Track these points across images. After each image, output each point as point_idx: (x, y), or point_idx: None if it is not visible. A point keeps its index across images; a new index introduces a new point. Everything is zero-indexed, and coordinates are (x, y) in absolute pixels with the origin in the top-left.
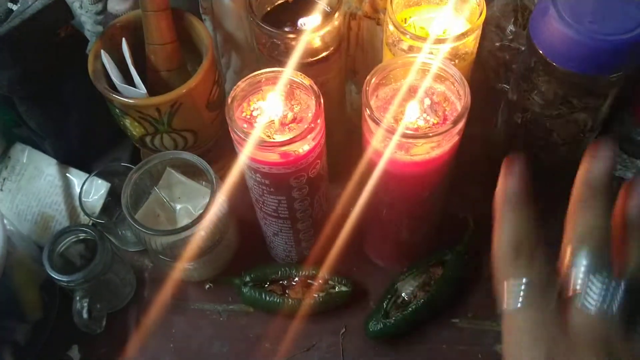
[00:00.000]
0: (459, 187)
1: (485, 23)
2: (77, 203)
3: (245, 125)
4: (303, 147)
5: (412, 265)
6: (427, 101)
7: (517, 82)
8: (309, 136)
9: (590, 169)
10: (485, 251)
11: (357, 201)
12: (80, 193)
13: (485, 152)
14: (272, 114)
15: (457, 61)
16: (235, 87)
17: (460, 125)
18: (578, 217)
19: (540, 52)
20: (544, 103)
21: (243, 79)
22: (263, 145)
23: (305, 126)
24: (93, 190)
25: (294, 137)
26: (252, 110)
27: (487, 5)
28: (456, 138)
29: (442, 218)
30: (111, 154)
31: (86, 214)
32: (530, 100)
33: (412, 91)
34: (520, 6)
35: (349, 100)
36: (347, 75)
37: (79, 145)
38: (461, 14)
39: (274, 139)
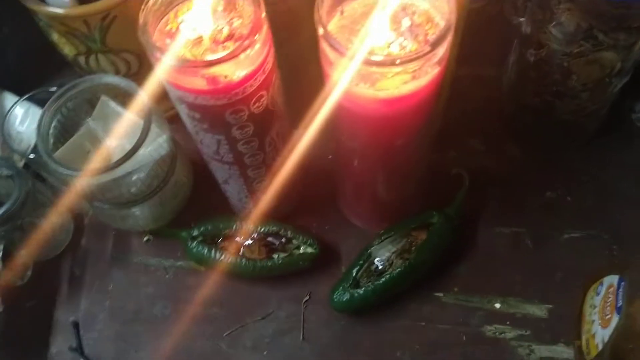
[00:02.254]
0: (456, 139)
1: None
2: (13, 133)
3: (168, 41)
4: (238, 72)
5: (392, 228)
6: (406, 22)
7: (532, 11)
8: (242, 55)
9: None
10: (481, 215)
11: (322, 147)
12: (8, 120)
13: (492, 98)
14: (200, 28)
15: None
16: None
17: (441, 51)
18: None
19: None
20: (563, 38)
21: None
22: (182, 65)
23: (239, 44)
24: (29, 119)
25: (222, 57)
26: (180, 23)
27: None
28: (436, 69)
29: (432, 175)
30: (57, 79)
31: (11, 148)
32: (546, 34)
33: (383, 8)
34: None
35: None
36: None
37: (15, 67)
38: None
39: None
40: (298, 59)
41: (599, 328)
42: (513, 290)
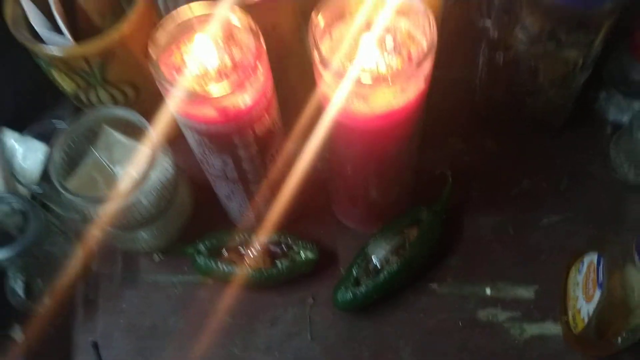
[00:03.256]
0: (437, 139)
1: None
2: (16, 168)
3: (174, 73)
4: (244, 100)
5: (384, 227)
6: (390, 41)
7: (498, 16)
8: (247, 85)
9: None
10: (465, 208)
11: (318, 158)
12: (11, 156)
13: (467, 98)
14: (205, 61)
15: None
16: (158, 25)
17: (426, 67)
18: None
19: None
20: (529, 39)
21: (168, 17)
22: (194, 99)
23: (244, 73)
24: (30, 154)
25: (232, 89)
26: (183, 55)
27: None
28: (422, 84)
29: (417, 175)
30: (52, 113)
31: (18, 181)
32: (513, 37)
33: (369, 29)
34: None
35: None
36: (305, 18)
37: (11, 104)
38: None
39: (209, 90)
40: (288, 80)
41: (584, 303)
42: (501, 275)
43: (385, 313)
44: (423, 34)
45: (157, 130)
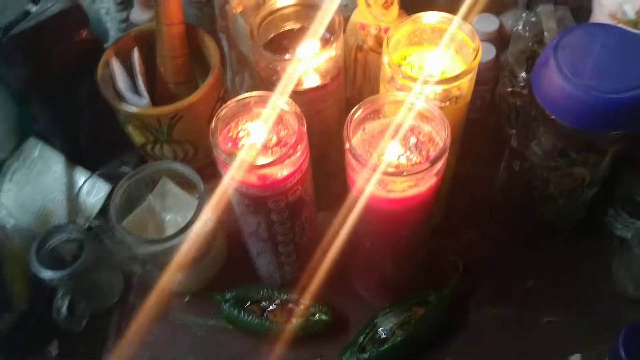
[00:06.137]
0: (455, 229)
1: (500, 69)
2: (79, 202)
3: (229, 144)
4: (282, 172)
5: (395, 302)
6: (413, 139)
7: (520, 130)
8: (287, 161)
9: None
10: (472, 296)
11: (342, 230)
12: (79, 191)
13: (486, 196)
14: (255, 137)
15: (447, 103)
16: (223, 106)
17: (439, 166)
18: None
19: (539, 102)
20: (543, 154)
21: (232, 100)
22: (239, 165)
23: (285, 151)
24: (95, 191)
25: (271, 162)
26: (240, 131)
27: (501, 51)
28: (434, 179)
29: (432, 258)
30: (120, 158)
31: (81, 212)
32: (529, 150)
33: (401, 129)
34: (533, 53)
35: None
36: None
37: (87, 146)
38: (461, 56)
39: (256, 161)
40: (330, 157)
41: None
42: None
43: None
44: (441, 139)
45: (206, 187)
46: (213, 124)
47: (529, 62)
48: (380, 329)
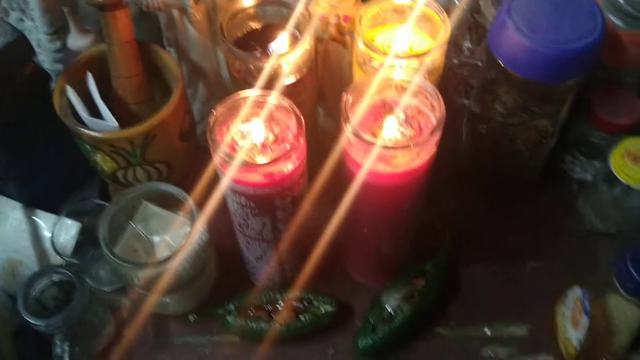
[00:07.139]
0: (431, 201)
1: None
2: (47, 246)
3: (227, 150)
4: (287, 167)
5: (394, 279)
6: (402, 115)
7: (479, 96)
8: (293, 155)
9: None
10: (461, 260)
11: (338, 218)
12: (52, 235)
13: (453, 164)
14: (255, 137)
15: (426, 76)
16: (214, 110)
17: (438, 135)
18: None
19: (501, 63)
20: (506, 112)
21: (221, 103)
22: (248, 167)
23: (288, 146)
24: (63, 232)
25: (279, 157)
26: (234, 134)
27: None
28: (434, 148)
29: (420, 230)
30: (78, 193)
31: (61, 256)
32: (493, 111)
33: (385, 106)
34: (473, 24)
35: (318, 123)
36: (320, 99)
37: (46, 187)
38: (424, 31)
39: (256, 160)
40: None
41: (573, 331)
42: (497, 316)
43: (399, 358)
44: (430, 110)
45: (195, 202)
46: (211, 127)
47: (471, 32)
48: (387, 306)
